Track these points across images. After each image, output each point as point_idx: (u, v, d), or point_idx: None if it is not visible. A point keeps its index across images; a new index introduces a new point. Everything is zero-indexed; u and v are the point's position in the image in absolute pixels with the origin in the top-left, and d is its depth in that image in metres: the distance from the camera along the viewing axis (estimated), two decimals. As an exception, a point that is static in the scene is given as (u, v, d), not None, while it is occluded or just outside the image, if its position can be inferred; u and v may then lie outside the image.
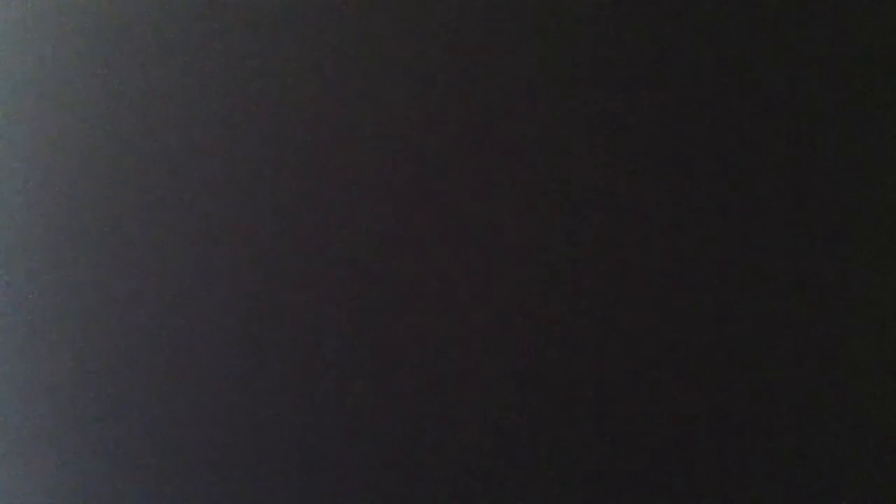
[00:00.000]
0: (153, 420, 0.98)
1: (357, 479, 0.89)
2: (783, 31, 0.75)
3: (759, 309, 0.76)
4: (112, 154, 1.00)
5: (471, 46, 0.85)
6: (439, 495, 0.86)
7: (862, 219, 0.73)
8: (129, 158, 1.00)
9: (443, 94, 0.86)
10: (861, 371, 0.73)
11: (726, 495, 0.77)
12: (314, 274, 0.91)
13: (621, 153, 0.79)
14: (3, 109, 1.06)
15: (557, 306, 0.82)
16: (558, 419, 0.82)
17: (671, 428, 0.78)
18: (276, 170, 0.92)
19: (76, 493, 1.03)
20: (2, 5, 1.05)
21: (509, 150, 0.83)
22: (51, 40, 1.04)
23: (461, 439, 0.85)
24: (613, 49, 0.80)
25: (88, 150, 1.01)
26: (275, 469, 0.93)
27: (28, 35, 1.05)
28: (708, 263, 0.77)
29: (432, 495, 0.87)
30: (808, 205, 0.74)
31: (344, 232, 0.89)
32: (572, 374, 0.82)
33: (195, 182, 0.96)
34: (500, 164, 0.84)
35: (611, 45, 0.80)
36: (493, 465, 0.84)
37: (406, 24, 0.87)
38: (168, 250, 0.97)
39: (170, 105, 0.97)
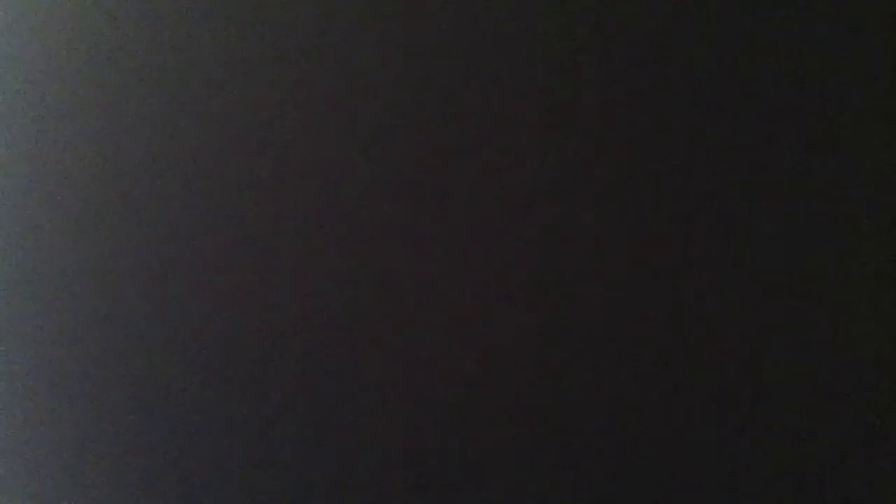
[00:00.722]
0: (152, 422, 0.98)
1: (357, 478, 0.89)
2: (783, 31, 0.75)
3: (759, 309, 0.76)
4: (112, 153, 1.00)
5: (471, 45, 0.85)
6: (439, 495, 0.86)
7: (862, 219, 0.73)
8: (128, 158, 1.00)
9: (443, 93, 0.86)
10: (861, 371, 0.73)
11: (726, 495, 0.77)
12: (314, 273, 0.91)
13: (620, 153, 0.80)
14: (2, 109, 1.06)
15: (557, 306, 0.82)
16: (558, 419, 0.82)
17: (671, 428, 0.78)
18: (278, 169, 0.92)
19: (76, 495, 1.03)
20: (1, 5, 1.05)
21: (509, 150, 0.83)
22: (51, 40, 1.04)
23: (461, 439, 0.85)
24: (613, 49, 0.80)
25: (88, 150, 1.02)
26: (275, 470, 0.93)
27: (28, 35, 1.05)
28: (708, 263, 0.77)
29: (432, 495, 0.87)
30: (808, 205, 0.74)
31: (343, 231, 0.89)
32: (572, 374, 0.82)
33: (195, 182, 0.96)
34: (499, 163, 0.84)
35: (610, 45, 0.80)
36: (492, 465, 0.84)
37: (405, 23, 0.87)
38: (167, 250, 0.97)
39: (170, 105, 0.97)
